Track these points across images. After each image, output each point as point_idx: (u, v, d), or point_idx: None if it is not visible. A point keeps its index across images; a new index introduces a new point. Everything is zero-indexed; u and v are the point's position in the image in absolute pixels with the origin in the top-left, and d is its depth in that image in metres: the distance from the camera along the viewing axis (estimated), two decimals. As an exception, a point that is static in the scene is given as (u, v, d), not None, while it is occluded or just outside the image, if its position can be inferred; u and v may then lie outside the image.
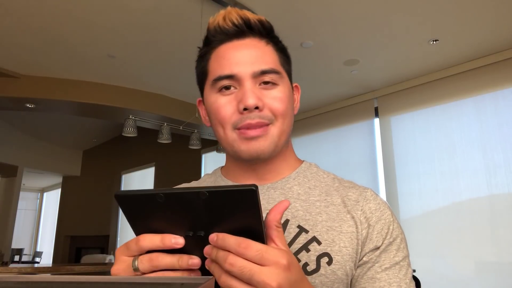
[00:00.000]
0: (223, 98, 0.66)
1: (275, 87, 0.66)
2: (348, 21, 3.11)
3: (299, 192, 0.70)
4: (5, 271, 3.76)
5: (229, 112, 0.65)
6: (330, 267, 0.61)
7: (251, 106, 0.63)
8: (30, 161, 8.14)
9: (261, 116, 0.64)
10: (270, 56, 0.68)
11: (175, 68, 4.03)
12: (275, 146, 0.66)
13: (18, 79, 4.28)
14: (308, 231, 0.64)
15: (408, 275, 0.64)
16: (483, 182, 3.52)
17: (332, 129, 4.82)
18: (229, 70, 0.65)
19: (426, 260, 3.64)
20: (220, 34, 0.68)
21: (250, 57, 0.66)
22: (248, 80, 0.64)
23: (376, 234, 0.64)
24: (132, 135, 4.47)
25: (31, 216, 11.53)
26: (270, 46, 0.69)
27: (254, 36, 0.68)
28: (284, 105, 0.66)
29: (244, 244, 0.42)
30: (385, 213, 0.67)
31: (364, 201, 0.67)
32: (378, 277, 0.62)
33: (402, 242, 0.66)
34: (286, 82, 0.70)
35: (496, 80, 3.59)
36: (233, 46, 0.67)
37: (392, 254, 0.64)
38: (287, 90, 0.69)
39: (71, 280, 0.32)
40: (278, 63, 0.69)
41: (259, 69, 0.65)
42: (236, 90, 0.66)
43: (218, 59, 0.68)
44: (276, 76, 0.67)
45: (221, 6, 2.90)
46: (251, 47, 0.67)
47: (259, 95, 0.65)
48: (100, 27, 3.27)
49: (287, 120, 0.68)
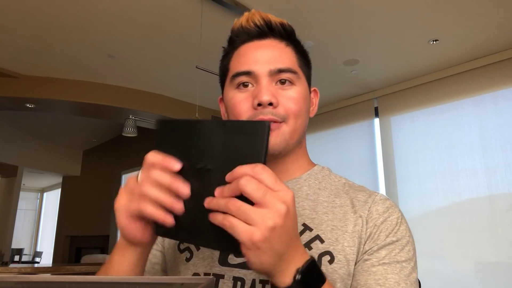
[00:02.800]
0: (240, 95, 0.68)
1: (291, 86, 0.68)
2: (348, 21, 3.11)
3: (308, 193, 0.71)
4: (5, 271, 3.76)
5: (244, 107, 0.67)
6: (332, 266, 0.61)
7: (265, 102, 0.64)
8: (30, 161, 8.14)
9: (274, 113, 0.65)
10: (288, 57, 0.69)
11: (175, 68, 4.03)
12: (286, 144, 0.67)
13: (18, 79, 4.28)
14: (312, 229, 0.64)
15: (411, 278, 0.61)
16: (483, 182, 3.52)
17: (332, 129, 4.82)
18: (247, 67, 0.67)
19: (426, 260, 3.64)
20: (243, 35, 0.71)
21: (269, 56, 0.68)
22: (264, 78, 0.66)
23: (379, 233, 0.63)
24: (132, 135, 4.47)
25: (31, 216, 11.53)
26: (290, 48, 0.71)
27: (274, 38, 0.70)
28: (298, 105, 0.68)
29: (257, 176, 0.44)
30: (393, 215, 0.66)
31: (372, 203, 0.67)
32: (374, 270, 0.60)
33: (408, 246, 0.64)
34: (303, 83, 0.71)
35: (496, 80, 3.59)
36: (253, 45, 0.70)
37: (393, 252, 0.62)
38: (304, 91, 0.70)
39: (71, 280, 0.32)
40: (296, 65, 0.70)
41: (276, 67, 0.67)
42: (253, 88, 0.67)
43: (238, 57, 0.70)
44: (293, 75, 0.68)
45: (221, 6, 2.90)
46: (270, 47, 0.69)
47: (274, 93, 0.66)
48: (100, 27, 3.27)
49: (300, 121, 0.68)
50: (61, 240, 8.87)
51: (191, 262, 0.67)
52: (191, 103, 4.82)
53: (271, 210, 0.43)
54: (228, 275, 0.63)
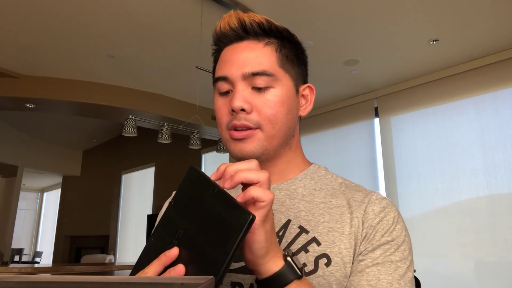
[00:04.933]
0: (221, 100, 0.69)
1: (268, 90, 0.66)
2: (348, 21, 3.11)
3: (304, 194, 0.70)
4: (5, 271, 3.76)
5: (224, 112, 0.68)
6: (328, 269, 0.60)
7: (236, 108, 0.64)
8: (30, 161, 8.14)
9: (247, 119, 0.65)
10: (266, 58, 0.67)
11: (175, 68, 4.03)
12: (264, 150, 0.66)
13: (18, 79, 4.28)
14: (309, 231, 0.64)
15: (406, 278, 0.60)
16: (483, 182, 3.52)
17: (332, 129, 4.82)
18: (223, 72, 0.67)
19: (426, 260, 3.64)
20: (223, 38, 0.70)
21: (244, 59, 0.66)
22: (239, 82, 0.66)
23: (374, 234, 0.63)
24: (132, 135, 4.47)
25: (31, 216, 11.54)
26: (270, 47, 0.68)
27: (252, 39, 0.68)
28: (274, 109, 0.66)
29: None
30: (389, 215, 0.65)
31: (368, 203, 0.66)
32: (368, 271, 0.60)
33: (404, 245, 0.63)
34: (285, 83, 0.68)
35: (496, 80, 3.59)
36: (231, 49, 0.69)
37: (388, 252, 0.61)
38: (284, 93, 0.67)
39: (71, 280, 0.32)
40: (276, 64, 0.67)
41: (249, 71, 0.65)
42: (232, 93, 0.67)
43: (220, 61, 0.70)
44: (269, 78, 0.66)
45: (221, 6, 2.90)
46: (247, 50, 0.67)
47: (249, 98, 0.65)
48: (100, 27, 3.27)
49: (278, 125, 0.66)
50: (61, 240, 8.87)
51: None
52: (191, 103, 4.82)
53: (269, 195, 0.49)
54: (226, 281, 0.63)
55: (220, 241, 0.45)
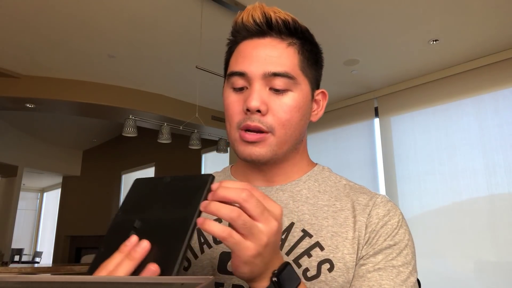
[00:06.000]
0: (234, 96, 0.65)
1: (286, 93, 0.63)
2: (348, 21, 3.11)
3: (307, 196, 0.68)
4: (5, 271, 3.76)
5: (236, 110, 0.64)
6: (331, 274, 0.59)
7: (253, 108, 0.61)
8: (30, 161, 8.14)
9: (261, 121, 0.62)
10: (289, 59, 0.64)
11: (175, 68, 4.02)
12: (274, 154, 0.64)
13: (18, 79, 4.28)
14: (312, 235, 0.63)
15: (408, 283, 0.59)
16: (483, 182, 3.52)
17: (332, 129, 4.82)
18: (241, 67, 0.64)
19: (426, 260, 3.64)
20: (243, 31, 0.66)
21: (265, 57, 0.63)
22: (257, 81, 0.62)
23: (377, 238, 0.62)
24: (132, 135, 4.47)
25: (31, 216, 11.53)
26: (292, 48, 0.65)
27: (275, 36, 0.65)
28: (290, 114, 0.63)
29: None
30: (393, 219, 0.64)
31: (373, 206, 0.65)
32: (369, 276, 0.58)
33: (407, 249, 0.62)
34: (303, 88, 0.66)
35: (496, 80, 3.59)
36: (252, 44, 0.65)
37: (390, 257, 0.60)
38: (301, 98, 0.65)
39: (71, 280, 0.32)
40: (297, 67, 0.65)
41: (271, 70, 0.62)
42: (247, 90, 0.64)
43: (237, 54, 0.67)
44: (289, 81, 0.63)
45: (221, 6, 2.90)
46: (269, 47, 0.64)
47: (266, 99, 0.62)
48: (100, 27, 3.27)
49: (291, 131, 0.64)
50: (61, 240, 8.87)
51: (190, 271, 0.66)
52: (191, 103, 4.82)
53: (267, 227, 0.45)
54: (227, 283, 0.62)
55: (184, 204, 0.45)
